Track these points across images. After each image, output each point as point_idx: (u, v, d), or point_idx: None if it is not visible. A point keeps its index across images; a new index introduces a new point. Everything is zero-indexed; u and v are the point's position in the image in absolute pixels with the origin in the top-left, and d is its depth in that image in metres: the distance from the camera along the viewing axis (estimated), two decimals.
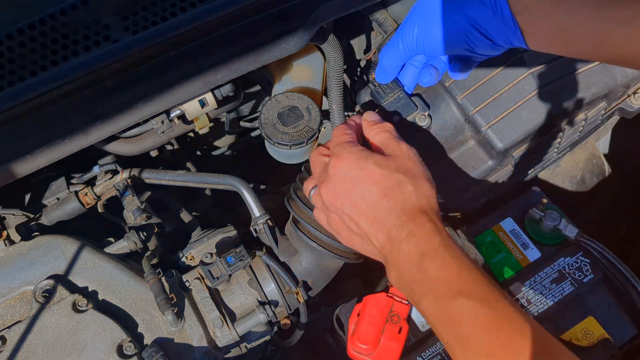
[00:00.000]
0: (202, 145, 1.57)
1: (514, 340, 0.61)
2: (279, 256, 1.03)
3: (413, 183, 0.75)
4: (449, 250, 0.69)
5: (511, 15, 0.73)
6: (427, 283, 0.68)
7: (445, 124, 1.03)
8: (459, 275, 0.67)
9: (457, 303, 0.65)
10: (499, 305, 0.64)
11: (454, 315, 0.65)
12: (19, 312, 0.97)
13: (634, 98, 1.15)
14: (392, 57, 0.86)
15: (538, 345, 0.60)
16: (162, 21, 0.94)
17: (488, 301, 0.64)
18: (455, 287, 0.66)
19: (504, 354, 0.61)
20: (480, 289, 0.65)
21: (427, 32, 0.80)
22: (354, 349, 0.95)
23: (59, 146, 0.89)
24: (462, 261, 0.68)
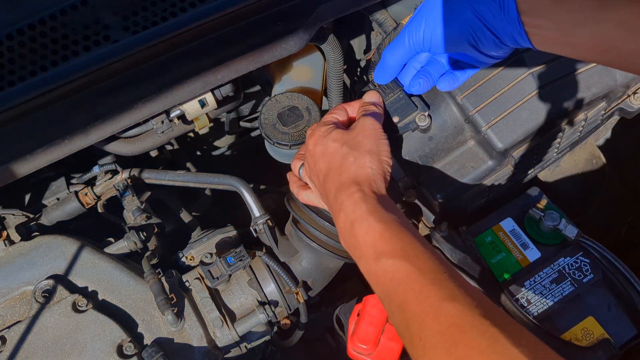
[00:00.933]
0: (202, 145, 1.57)
1: (426, 288, 0.64)
2: (279, 256, 1.03)
3: (355, 155, 0.80)
4: (375, 215, 0.73)
5: (517, 13, 0.74)
6: (358, 247, 0.73)
7: (445, 124, 1.03)
8: (382, 236, 0.71)
9: (380, 262, 0.69)
10: (417, 260, 0.67)
11: (379, 274, 0.69)
12: (19, 312, 0.97)
13: (634, 98, 1.15)
14: (396, 54, 0.86)
15: (449, 292, 0.62)
16: (162, 21, 0.94)
17: (407, 257, 0.67)
18: (378, 249, 0.70)
19: (415, 302, 0.63)
20: (401, 247, 0.69)
21: (434, 26, 0.81)
22: (354, 349, 0.95)
23: (59, 146, 0.89)
24: (386, 223, 0.71)
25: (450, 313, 0.60)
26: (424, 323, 0.61)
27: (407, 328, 0.64)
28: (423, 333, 0.61)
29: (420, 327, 0.62)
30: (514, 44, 0.78)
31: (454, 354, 0.58)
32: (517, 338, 0.56)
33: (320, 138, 0.85)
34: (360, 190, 0.76)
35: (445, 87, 0.89)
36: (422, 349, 0.61)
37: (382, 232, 0.71)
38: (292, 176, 0.96)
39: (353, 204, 0.75)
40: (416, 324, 0.62)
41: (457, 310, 0.60)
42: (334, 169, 0.80)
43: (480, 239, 1.08)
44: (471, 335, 0.58)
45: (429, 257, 0.67)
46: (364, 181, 0.77)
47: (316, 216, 0.95)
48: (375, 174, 0.79)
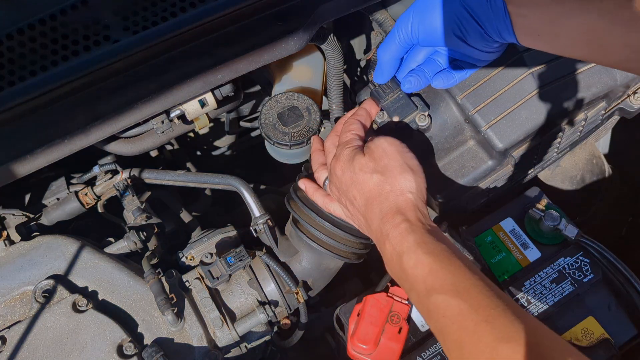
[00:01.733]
0: (202, 145, 1.57)
1: (479, 327, 0.62)
2: (279, 256, 1.03)
3: (390, 182, 0.78)
4: (423, 247, 0.71)
5: (503, 2, 0.75)
6: (409, 281, 0.72)
7: (445, 124, 1.03)
8: (431, 270, 0.69)
9: (432, 298, 0.67)
10: (469, 296, 0.65)
11: (431, 310, 0.68)
12: (19, 312, 0.97)
13: (634, 98, 1.15)
14: (388, 50, 0.87)
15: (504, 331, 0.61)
16: (162, 21, 0.94)
17: (459, 293, 0.66)
18: (429, 283, 0.69)
19: (470, 341, 0.62)
20: (451, 282, 0.67)
21: (422, 17, 0.81)
22: (354, 349, 0.95)
23: (59, 146, 0.89)
24: (436, 256, 0.70)
25: (507, 355, 0.59)
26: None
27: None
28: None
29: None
30: (499, 37, 0.79)
31: None
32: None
33: (347, 164, 0.81)
34: (406, 220, 0.74)
35: (440, 84, 0.89)
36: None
37: (432, 265, 0.69)
38: (311, 184, 0.93)
39: (399, 235, 0.73)
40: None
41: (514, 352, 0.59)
42: (372, 199, 0.78)
43: (480, 239, 1.08)
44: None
45: (481, 291, 0.65)
46: (408, 209, 0.75)
47: (316, 216, 0.95)
48: (416, 199, 0.77)
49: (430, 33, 0.82)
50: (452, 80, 0.89)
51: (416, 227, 0.73)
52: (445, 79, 0.89)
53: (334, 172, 0.84)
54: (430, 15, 0.80)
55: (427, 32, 0.82)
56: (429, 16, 0.81)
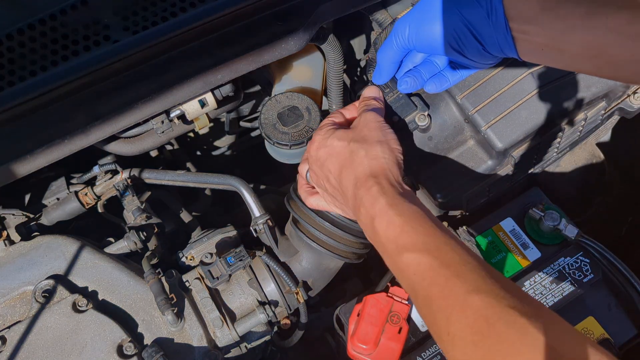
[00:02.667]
0: (202, 145, 1.57)
1: (450, 282, 0.63)
2: (279, 256, 1.03)
3: (365, 148, 0.79)
4: (394, 208, 0.72)
5: (504, 19, 0.74)
6: (381, 243, 0.73)
7: (445, 124, 1.03)
8: (402, 230, 0.70)
9: (403, 257, 0.68)
10: (440, 253, 0.66)
11: (403, 268, 0.69)
12: (19, 312, 0.97)
13: (634, 98, 1.15)
14: (386, 54, 0.87)
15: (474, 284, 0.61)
16: (162, 21, 0.94)
17: (429, 251, 0.67)
18: (400, 243, 0.69)
19: (440, 295, 0.63)
20: (422, 240, 0.68)
21: (419, 28, 0.81)
22: (354, 349, 0.95)
23: (59, 146, 0.89)
24: (407, 216, 0.71)
25: (477, 306, 0.59)
26: (450, 317, 0.61)
27: (434, 322, 0.64)
28: (450, 327, 0.61)
29: (447, 322, 0.61)
30: (500, 52, 0.78)
31: (482, 347, 0.57)
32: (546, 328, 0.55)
33: (322, 141, 0.84)
34: (378, 183, 0.75)
35: (433, 89, 0.89)
36: (451, 344, 0.61)
37: (403, 225, 0.70)
38: (301, 179, 0.95)
39: (371, 198, 0.74)
40: (443, 318, 0.62)
41: (484, 303, 0.59)
42: (346, 166, 0.79)
43: (480, 238, 1.08)
44: (499, 328, 0.57)
45: (452, 249, 0.66)
46: (380, 173, 0.76)
47: (316, 216, 0.95)
48: (389, 163, 0.78)
49: (426, 44, 0.82)
50: (446, 85, 0.89)
51: (387, 189, 0.74)
52: (439, 84, 0.89)
53: (310, 154, 0.86)
54: (428, 27, 0.80)
55: (423, 42, 0.82)
56: (426, 28, 0.80)
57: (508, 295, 0.59)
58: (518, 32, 0.74)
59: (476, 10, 0.75)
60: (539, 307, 0.59)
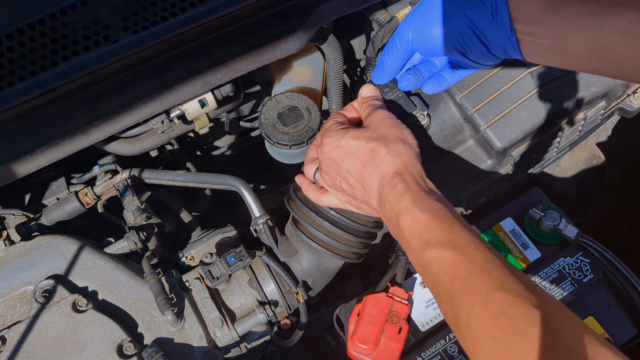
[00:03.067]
0: (202, 145, 1.57)
1: (474, 277, 0.63)
2: (279, 256, 1.03)
3: (386, 145, 0.78)
4: (419, 205, 0.72)
5: (509, 20, 0.73)
6: (406, 239, 0.73)
7: (444, 124, 1.03)
8: (427, 226, 0.70)
9: (427, 253, 0.69)
10: (463, 249, 0.66)
11: (426, 264, 0.69)
12: (19, 312, 0.97)
13: (634, 98, 1.15)
14: (391, 56, 0.87)
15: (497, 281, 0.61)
16: (162, 21, 0.94)
17: (454, 246, 0.67)
18: (424, 239, 0.70)
19: (463, 290, 0.63)
20: (447, 237, 0.68)
21: (422, 31, 0.81)
22: (354, 349, 0.95)
23: (59, 146, 0.89)
24: (431, 212, 0.71)
25: (500, 302, 0.59)
26: (471, 311, 0.61)
27: (455, 316, 0.64)
28: (471, 321, 0.61)
29: (468, 316, 0.61)
30: (504, 54, 0.78)
31: (504, 342, 0.57)
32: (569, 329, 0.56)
33: (335, 141, 0.83)
34: (403, 181, 0.75)
35: (431, 89, 0.88)
36: (470, 337, 0.61)
37: (428, 221, 0.70)
38: (305, 180, 0.94)
39: (397, 195, 0.74)
40: (464, 312, 0.62)
41: (507, 300, 0.59)
42: (367, 165, 0.79)
43: None
44: (522, 325, 0.57)
45: (476, 246, 0.66)
46: (404, 170, 0.76)
47: (316, 216, 0.95)
48: (412, 159, 0.78)
49: (430, 47, 0.81)
50: (444, 85, 0.89)
51: (412, 186, 0.74)
52: (437, 84, 0.88)
53: (323, 156, 0.85)
54: (432, 30, 0.80)
55: (426, 45, 0.82)
56: (430, 31, 0.80)
57: (532, 295, 0.59)
58: (523, 34, 0.74)
59: (480, 12, 0.75)
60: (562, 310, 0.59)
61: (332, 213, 0.95)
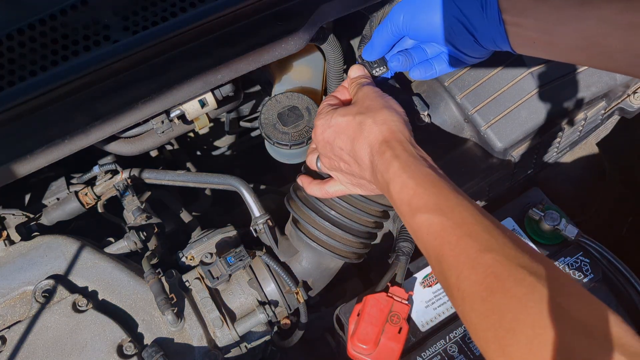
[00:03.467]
0: (202, 145, 1.57)
1: (461, 240, 0.63)
2: (279, 256, 1.03)
3: (372, 116, 0.79)
4: (407, 171, 0.72)
5: (498, 10, 0.74)
6: (397, 205, 0.73)
7: (445, 124, 1.03)
8: (415, 192, 0.71)
9: (416, 218, 0.69)
10: (452, 213, 0.67)
11: (416, 229, 0.70)
12: (19, 312, 0.97)
13: (634, 98, 1.15)
14: (381, 36, 0.87)
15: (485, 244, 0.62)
16: (162, 21, 0.94)
17: (442, 211, 0.67)
18: (413, 205, 0.70)
19: (452, 254, 0.64)
20: (434, 201, 0.69)
21: (413, 15, 0.82)
22: (354, 349, 0.95)
23: (59, 146, 0.89)
24: (419, 178, 0.71)
25: (487, 263, 0.60)
26: (461, 274, 0.62)
27: (445, 280, 0.64)
28: (461, 284, 0.61)
29: (457, 279, 0.62)
30: (493, 45, 0.78)
31: (490, 302, 0.58)
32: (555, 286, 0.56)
33: (325, 123, 0.84)
34: (390, 148, 0.75)
35: (417, 75, 0.89)
36: (461, 299, 0.61)
37: (416, 187, 0.71)
38: (306, 178, 0.94)
39: (385, 163, 0.75)
40: (454, 275, 0.63)
41: (494, 261, 0.60)
42: (357, 138, 0.79)
43: None
44: (508, 284, 0.57)
45: (465, 209, 0.67)
46: (391, 137, 0.76)
47: (316, 216, 0.95)
48: (398, 125, 0.78)
49: (419, 32, 0.83)
50: (431, 73, 0.89)
51: (400, 153, 0.74)
52: (424, 71, 0.89)
53: (317, 139, 0.86)
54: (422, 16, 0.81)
55: (415, 31, 0.83)
56: (420, 17, 0.81)
57: (519, 254, 0.60)
58: (511, 25, 0.75)
59: (471, 2, 0.76)
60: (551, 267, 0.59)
61: (332, 213, 0.95)
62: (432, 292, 1.03)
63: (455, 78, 1.01)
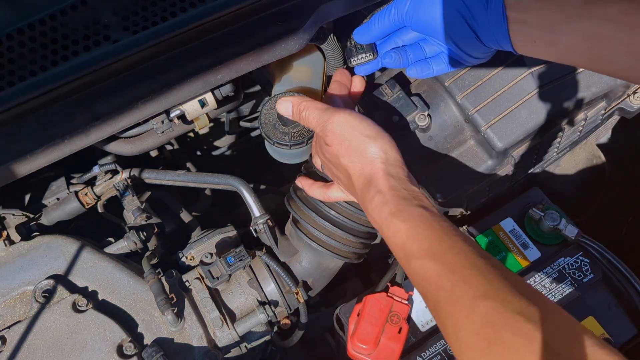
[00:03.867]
0: (202, 145, 1.57)
1: (456, 287, 0.62)
2: (279, 256, 1.03)
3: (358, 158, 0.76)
4: (398, 215, 0.71)
5: (503, 6, 0.74)
6: (392, 249, 0.73)
7: (445, 124, 1.03)
8: (408, 237, 0.69)
9: (412, 264, 0.68)
10: (446, 258, 0.65)
11: (412, 275, 0.69)
12: (19, 312, 0.97)
13: (634, 98, 1.15)
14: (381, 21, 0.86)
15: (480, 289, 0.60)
16: (162, 21, 0.94)
17: (435, 256, 0.66)
18: (407, 250, 0.69)
19: (447, 302, 0.63)
20: (427, 247, 0.67)
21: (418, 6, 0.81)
22: (354, 349, 0.95)
23: (59, 146, 0.89)
24: (411, 222, 0.70)
25: (483, 312, 0.58)
26: (458, 323, 0.61)
27: (443, 327, 0.64)
28: (458, 333, 0.60)
29: (455, 327, 0.61)
30: (494, 43, 0.77)
31: (489, 354, 0.56)
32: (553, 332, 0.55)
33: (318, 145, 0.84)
34: (379, 192, 0.73)
35: (414, 73, 0.87)
36: (459, 349, 0.60)
37: (408, 232, 0.69)
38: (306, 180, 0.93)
39: (376, 208, 0.73)
40: (451, 324, 0.62)
41: (490, 308, 0.58)
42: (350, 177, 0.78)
43: (480, 238, 1.08)
44: (505, 335, 0.56)
45: (458, 252, 0.65)
46: (378, 179, 0.74)
47: (316, 216, 0.95)
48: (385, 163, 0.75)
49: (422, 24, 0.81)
50: (428, 73, 0.87)
51: (389, 196, 0.72)
52: (420, 70, 0.87)
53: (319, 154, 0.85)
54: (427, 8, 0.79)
55: (419, 22, 0.81)
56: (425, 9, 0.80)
57: (515, 298, 0.58)
58: (514, 22, 0.74)
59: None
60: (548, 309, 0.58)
61: (332, 213, 0.95)
62: None
63: (456, 78, 1.01)
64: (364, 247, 1.00)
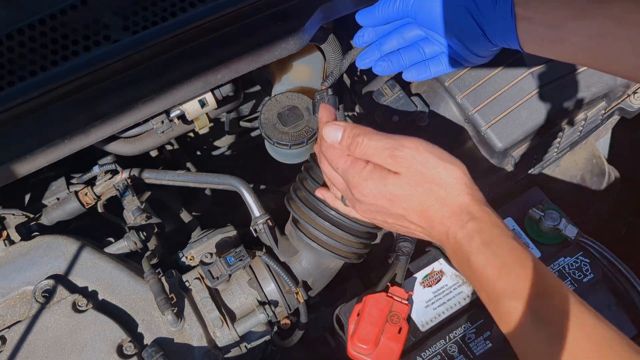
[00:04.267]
0: (202, 145, 1.57)
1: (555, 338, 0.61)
2: (279, 256, 1.03)
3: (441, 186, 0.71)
4: (491, 247, 0.67)
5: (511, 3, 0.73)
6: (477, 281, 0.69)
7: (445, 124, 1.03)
8: (500, 274, 0.66)
9: (502, 304, 0.65)
10: (541, 303, 0.64)
11: (501, 314, 0.66)
12: (19, 312, 0.97)
13: (634, 98, 1.15)
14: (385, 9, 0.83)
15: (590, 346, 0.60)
16: (162, 21, 0.94)
17: (528, 299, 0.64)
18: (499, 288, 0.66)
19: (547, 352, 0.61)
20: (520, 287, 0.65)
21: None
22: (354, 349, 0.95)
23: (59, 146, 0.89)
24: (503, 258, 0.67)
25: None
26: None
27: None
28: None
29: None
30: (500, 40, 0.77)
31: None
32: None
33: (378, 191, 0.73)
34: (473, 219, 0.68)
35: (410, 77, 0.86)
36: None
37: (501, 269, 0.66)
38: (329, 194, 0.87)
39: (467, 235, 0.68)
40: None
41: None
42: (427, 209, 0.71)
43: None
44: None
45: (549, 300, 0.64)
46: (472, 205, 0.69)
47: (316, 216, 0.95)
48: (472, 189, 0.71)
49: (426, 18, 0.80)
50: (425, 75, 0.86)
51: (483, 224, 0.68)
52: (417, 73, 0.86)
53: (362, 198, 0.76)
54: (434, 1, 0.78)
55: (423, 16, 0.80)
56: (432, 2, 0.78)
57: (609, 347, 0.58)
58: (521, 19, 0.73)
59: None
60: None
61: (332, 213, 0.95)
62: (432, 292, 1.03)
63: (456, 78, 1.01)
64: (364, 247, 1.00)
